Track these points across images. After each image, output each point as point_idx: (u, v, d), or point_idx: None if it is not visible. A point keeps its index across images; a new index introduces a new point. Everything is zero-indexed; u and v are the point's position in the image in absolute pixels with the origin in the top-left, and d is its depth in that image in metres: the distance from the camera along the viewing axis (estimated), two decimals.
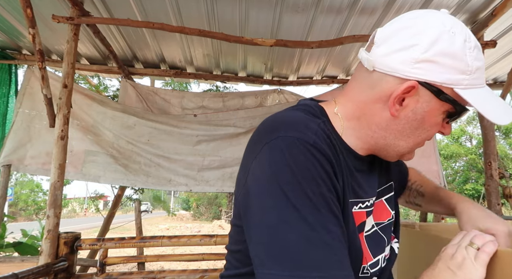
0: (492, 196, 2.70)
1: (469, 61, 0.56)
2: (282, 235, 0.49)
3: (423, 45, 0.55)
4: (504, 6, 2.35)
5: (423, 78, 0.57)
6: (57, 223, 2.12)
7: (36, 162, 3.02)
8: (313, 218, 0.50)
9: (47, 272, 1.88)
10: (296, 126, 0.56)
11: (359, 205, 0.65)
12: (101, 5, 2.48)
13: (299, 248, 0.48)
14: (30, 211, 19.89)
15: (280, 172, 0.52)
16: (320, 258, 0.48)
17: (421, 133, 0.62)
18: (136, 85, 3.49)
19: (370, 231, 0.68)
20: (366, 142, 0.65)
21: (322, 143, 0.55)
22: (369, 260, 0.64)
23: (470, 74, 0.57)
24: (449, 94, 0.57)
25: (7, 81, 3.18)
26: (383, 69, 0.59)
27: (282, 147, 0.53)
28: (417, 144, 0.64)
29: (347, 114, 0.65)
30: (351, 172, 0.63)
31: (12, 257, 3.28)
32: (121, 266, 6.14)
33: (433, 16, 0.58)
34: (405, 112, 0.60)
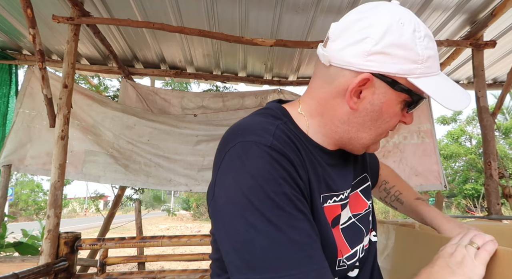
0: (492, 196, 2.70)
1: (420, 51, 0.57)
2: (250, 240, 0.49)
3: (373, 37, 0.56)
4: (504, 6, 2.35)
5: (377, 70, 0.58)
6: (58, 223, 2.12)
7: (37, 162, 3.02)
8: (278, 219, 0.50)
9: (47, 272, 1.88)
10: (254, 131, 0.57)
11: (333, 198, 0.65)
12: (101, 5, 2.48)
13: (268, 251, 0.49)
14: (31, 211, 19.88)
15: (242, 179, 0.52)
16: (288, 257, 0.48)
17: (382, 124, 0.63)
18: (136, 85, 3.50)
19: (346, 223, 0.68)
20: (331, 137, 0.67)
21: (280, 143, 0.56)
22: (346, 252, 0.65)
23: (422, 63, 0.58)
24: (403, 84, 0.59)
25: (8, 81, 3.18)
26: (339, 64, 0.60)
27: (240, 153, 0.55)
28: (379, 135, 0.65)
29: (310, 112, 0.67)
30: (322, 167, 0.64)
31: (12, 257, 3.29)
32: (121, 266, 6.14)
33: (383, 8, 0.59)
34: (363, 105, 0.61)
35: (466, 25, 2.73)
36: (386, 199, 0.99)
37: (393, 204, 0.96)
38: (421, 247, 0.98)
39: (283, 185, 0.53)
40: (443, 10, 2.53)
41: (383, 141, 3.57)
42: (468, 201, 14.31)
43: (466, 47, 2.82)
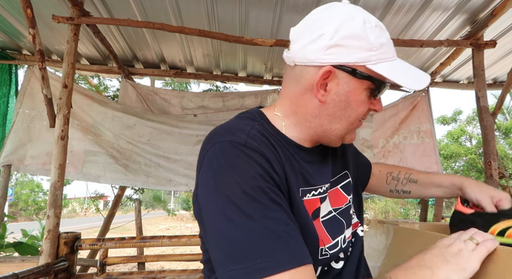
0: None
1: (372, 39, 0.62)
2: (230, 234, 0.53)
3: (329, 32, 0.62)
4: (504, 6, 2.35)
5: (336, 62, 0.63)
6: (57, 223, 2.12)
7: (36, 162, 3.02)
8: (254, 211, 0.53)
9: (47, 272, 1.88)
10: (230, 131, 0.62)
11: (312, 192, 0.69)
12: (101, 5, 2.48)
13: (246, 241, 0.52)
14: (30, 211, 19.88)
15: (220, 178, 0.57)
16: (265, 245, 0.51)
17: (351, 113, 0.67)
18: (136, 85, 3.50)
19: (327, 216, 0.71)
20: (307, 133, 0.71)
21: (254, 141, 0.60)
22: (328, 242, 0.68)
23: (376, 50, 0.63)
24: (363, 72, 0.63)
25: (7, 81, 3.18)
26: (302, 62, 0.65)
27: (217, 153, 0.59)
28: (351, 124, 0.69)
29: (285, 112, 0.71)
30: (299, 163, 0.68)
31: (12, 257, 3.28)
32: (121, 266, 6.14)
33: (334, 7, 0.66)
34: (330, 97, 0.65)
35: (466, 25, 2.73)
36: (397, 187, 0.99)
37: (406, 187, 0.97)
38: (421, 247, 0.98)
39: (258, 179, 0.56)
40: (443, 10, 2.53)
41: (383, 141, 3.57)
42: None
43: (466, 47, 2.82)
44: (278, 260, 0.50)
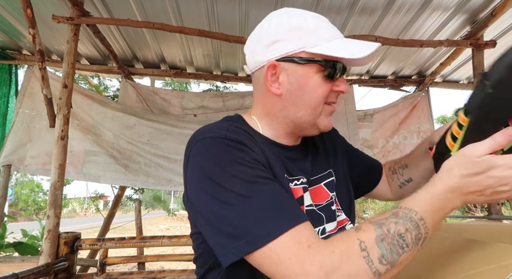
0: None
1: (306, 26, 0.68)
2: (226, 214, 0.56)
3: (265, 33, 0.71)
4: (504, 6, 2.35)
5: (278, 55, 0.69)
6: (57, 223, 2.12)
7: (36, 162, 3.02)
8: (246, 190, 0.57)
9: (47, 272, 1.88)
10: (210, 130, 0.67)
11: (295, 182, 0.72)
12: (101, 5, 2.48)
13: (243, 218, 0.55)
14: (30, 211, 19.88)
15: (206, 170, 0.60)
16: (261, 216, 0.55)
17: (310, 97, 0.70)
18: (136, 85, 3.50)
19: (307, 208, 0.73)
20: (281, 128, 0.75)
21: (233, 134, 0.66)
22: None
23: (313, 35, 0.68)
24: (304, 56, 0.68)
25: (7, 81, 3.18)
26: (255, 67, 0.74)
27: (201, 149, 0.64)
28: (315, 108, 0.71)
29: (259, 114, 0.77)
30: (281, 159, 0.72)
31: (12, 257, 3.28)
32: (121, 266, 6.14)
33: (269, 15, 0.74)
34: (285, 88, 0.70)
35: (466, 25, 2.73)
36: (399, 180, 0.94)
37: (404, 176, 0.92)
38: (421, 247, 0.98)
39: (242, 163, 0.60)
40: (443, 10, 2.53)
41: (383, 141, 3.57)
42: None
43: (466, 47, 2.82)
44: (276, 225, 0.53)
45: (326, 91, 0.70)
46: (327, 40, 0.68)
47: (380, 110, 3.67)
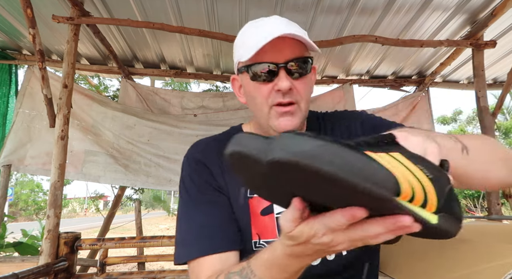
0: (492, 196, 2.70)
1: (240, 39, 0.76)
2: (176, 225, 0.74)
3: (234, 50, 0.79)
4: (504, 6, 2.35)
5: (235, 69, 0.79)
6: (57, 223, 2.12)
7: (36, 162, 3.02)
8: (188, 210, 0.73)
9: (47, 272, 1.88)
10: (192, 146, 0.82)
11: None
12: (101, 5, 2.48)
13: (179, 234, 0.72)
14: (30, 211, 19.88)
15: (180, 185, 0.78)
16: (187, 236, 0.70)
17: (255, 101, 0.75)
18: (136, 85, 3.49)
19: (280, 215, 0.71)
20: (261, 130, 0.80)
21: (199, 154, 0.79)
22: (269, 237, 0.74)
23: (242, 45, 0.74)
24: (240, 67, 0.76)
25: (7, 81, 3.18)
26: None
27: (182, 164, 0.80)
28: (261, 110, 0.75)
29: (251, 120, 0.86)
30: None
31: (12, 257, 3.28)
32: (121, 266, 6.14)
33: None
34: (245, 96, 0.79)
35: (466, 25, 2.73)
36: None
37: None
38: (421, 246, 0.98)
39: (194, 184, 0.74)
40: (443, 10, 2.53)
41: None
42: (468, 201, 14.32)
43: (466, 47, 2.82)
44: (190, 250, 0.67)
45: (264, 94, 0.72)
46: (249, 46, 0.70)
47: (380, 110, 3.67)
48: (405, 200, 0.33)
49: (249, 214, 0.74)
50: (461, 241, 0.83)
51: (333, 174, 0.29)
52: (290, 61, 0.70)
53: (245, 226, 0.73)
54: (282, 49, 0.69)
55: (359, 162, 0.30)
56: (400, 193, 0.33)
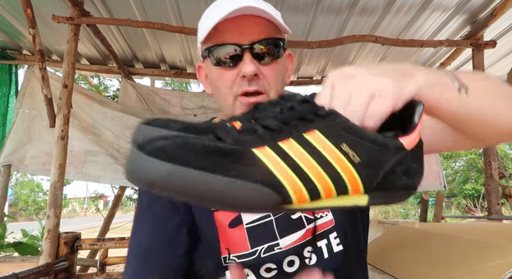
0: (492, 196, 2.70)
1: (203, 18, 0.65)
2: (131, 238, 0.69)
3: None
4: (504, 6, 2.35)
5: (200, 56, 0.68)
6: (57, 223, 2.12)
7: (36, 162, 3.02)
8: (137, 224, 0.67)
9: (47, 272, 1.88)
10: None
11: None
12: (101, 5, 2.48)
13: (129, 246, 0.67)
14: (30, 211, 19.88)
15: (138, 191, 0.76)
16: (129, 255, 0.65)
17: (219, 90, 0.66)
18: (136, 85, 3.50)
19: (257, 222, 0.66)
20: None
21: None
22: (241, 250, 0.65)
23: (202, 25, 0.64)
24: (202, 51, 0.66)
25: (7, 81, 3.18)
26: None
27: None
28: (226, 100, 0.66)
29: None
30: None
31: (12, 257, 3.28)
32: (121, 266, 6.14)
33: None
34: (210, 86, 0.70)
35: (466, 25, 2.73)
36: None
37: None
38: (421, 245, 0.98)
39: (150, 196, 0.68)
40: (443, 10, 2.53)
41: None
42: (468, 201, 14.31)
43: (466, 47, 2.82)
44: (127, 269, 0.64)
45: (227, 82, 0.62)
46: (207, 25, 0.60)
47: None
48: (302, 203, 0.29)
49: (216, 228, 0.66)
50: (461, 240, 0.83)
51: (196, 198, 0.26)
52: (257, 43, 0.60)
53: (212, 241, 0.66)
54: (247, 29, 0.60)
55: (217, 185, 0.25)
56: (292, 199, 0.28)
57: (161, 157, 0.25)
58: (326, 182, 0.29)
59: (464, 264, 0.68)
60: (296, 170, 0.28)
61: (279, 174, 0.28)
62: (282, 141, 0.29)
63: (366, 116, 0.34)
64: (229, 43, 0.60)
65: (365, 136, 0.31)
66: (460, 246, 0.79)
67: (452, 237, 0.89)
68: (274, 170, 0.28)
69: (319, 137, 0.30)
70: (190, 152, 0.26)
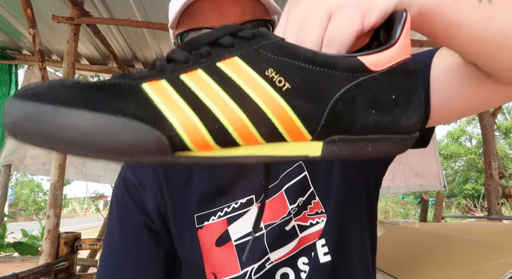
0: (492, 196, 2.70)
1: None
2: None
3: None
4: None
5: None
6: (57, 223, 2.12)
7: (36, 162, 3.02)
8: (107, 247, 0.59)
9: (47, 272, 1.88)
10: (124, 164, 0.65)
11: (218, 213, 0.58)
12: (101, 5, 2.48)
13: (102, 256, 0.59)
14: (30, 211, 19.89)
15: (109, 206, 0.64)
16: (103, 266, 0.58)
17: None
18: None
19: (246, 238, 0.57)
20: None
21: (131, 172, 0.61)
22: (230, 273, 0.56)
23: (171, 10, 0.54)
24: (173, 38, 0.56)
25: (7, 81, 3.18)
26: None
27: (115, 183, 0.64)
28: None
29: None
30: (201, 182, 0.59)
31: (12, 257, 3.29)
32: None
33: None
34: None
35: None
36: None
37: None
38: (421, 245, 0.98)
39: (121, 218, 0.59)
40: None
41: None
42: (468, 201, 14.33)
43: None
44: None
45: None
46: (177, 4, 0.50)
47: None
48: (207, 149, 0.23)
49: (199, 248, 0.57)
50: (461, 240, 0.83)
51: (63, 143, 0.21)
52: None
53: (195, 265, 0.57)
54: (228, 9, 0.49)
55: (83, 122, 0.21)
56: (185, 143, 0.22)
57: (25, 97, 0.21)
58: (241, 120, 0.23)
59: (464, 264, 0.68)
60: (194, 105, 0.22)
61: (168, 108, 0.22)
62: (186, 72, 0.24)
63: (325, 42, 0.26)
64: (205, 27, 0.49)
65: (300, 57, 0.23)
66: (460, 246, 0.79)
67: (452, 237, 0.89)
68: (161, 105, 0.22)
69: (237, 64, 0.23)
70: (59, 89, 0.22)
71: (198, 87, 0.23)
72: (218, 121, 0.22)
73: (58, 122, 0.20)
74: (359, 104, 0.24)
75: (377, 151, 0.25)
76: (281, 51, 0.23)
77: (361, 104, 0.24)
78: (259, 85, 0.23)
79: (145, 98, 0.22)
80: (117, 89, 0.22)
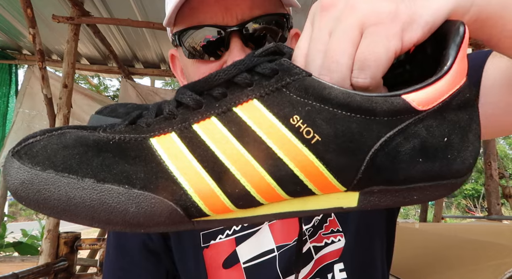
0: (492, 196, 2.70)
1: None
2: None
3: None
4: None
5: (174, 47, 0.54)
6: (57, 223, 2.12)
7: None
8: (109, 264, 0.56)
9: (47, 272, 1.88)
10: None
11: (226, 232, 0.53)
12: (101, 5, 2.48)
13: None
14: (30, 211, 19.89)
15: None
16: None
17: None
18: (136, 85, 3.49)
19: (256, 260, 0.52)
20: None
21: None
22: None
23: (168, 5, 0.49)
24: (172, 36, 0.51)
25: (7, 81, 3.18)
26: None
27: None
28: None
29: None
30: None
31: (12, 257, 3.28)
32: None
33: None
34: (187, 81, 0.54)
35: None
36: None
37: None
38: (421, 246, 0.99)
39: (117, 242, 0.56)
40: None
41: None
42: (468, 201, 14.32)
43: None
44: None
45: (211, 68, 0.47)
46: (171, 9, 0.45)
47: None
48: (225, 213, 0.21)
49: (205, 270, 0.52)
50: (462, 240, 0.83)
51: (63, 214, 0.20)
52: (249, 22, 0.42)
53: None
54: (234, 3, 0.42)
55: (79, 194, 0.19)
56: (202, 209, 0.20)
57: (24, 158, 0.20)
58: (265, 181, 0.20)
59: (464, 264, 0.68)
60: (210, 166, 0.19)
61: (180, 172, 0.19)
62: (199, 121, 0.20)
63: (355, 65, 0.21)
64: (208, 25, 0.42)
65: (332, 101, 0.19)
66: (460, 246, 0.79)
67: (452, 237, 0.89)
68: (173, 167, 0.19)
69: (257, 109, 0.20)
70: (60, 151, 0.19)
71: (213, 141, 0.20)
72: (239, 184, 0.20)
73: (61, 193, 0.19)
74: (404, 154, 0.20)
75: (423, 198, 0.22)
76: (308, 93, 0.19)
77: (406, 154, 0.20)
78: (283, 137, 0.19)
79: (153, 160, 0.19)
80: (123, 148, 0.20)
